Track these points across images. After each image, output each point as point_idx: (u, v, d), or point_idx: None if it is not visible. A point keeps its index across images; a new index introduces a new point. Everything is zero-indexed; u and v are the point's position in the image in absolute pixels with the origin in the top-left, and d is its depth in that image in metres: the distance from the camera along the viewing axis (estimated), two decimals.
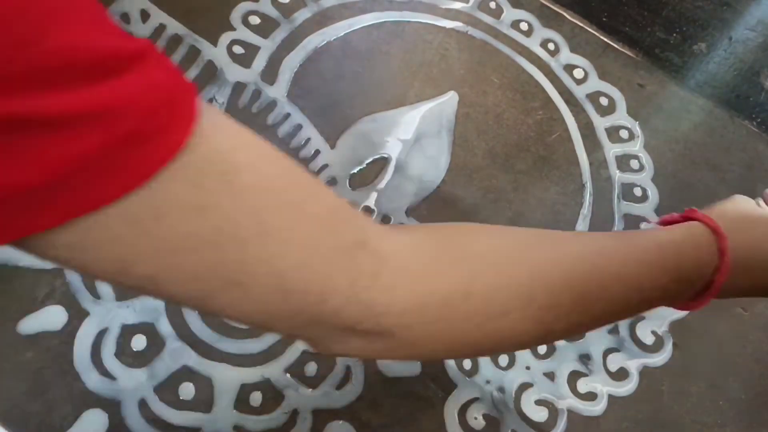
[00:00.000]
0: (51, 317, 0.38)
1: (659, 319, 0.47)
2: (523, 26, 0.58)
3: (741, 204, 0.36)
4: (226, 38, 0.50)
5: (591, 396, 0.43)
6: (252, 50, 0.51)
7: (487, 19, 0.58)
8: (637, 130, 0.55)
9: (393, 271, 0.24)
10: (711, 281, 0.33)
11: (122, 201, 0.18)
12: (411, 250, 0.25)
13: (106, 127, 0.17)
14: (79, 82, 0.16)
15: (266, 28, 0.52)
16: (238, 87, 0.48)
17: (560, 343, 0.44)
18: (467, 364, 0.42)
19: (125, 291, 0.40)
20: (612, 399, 0.43)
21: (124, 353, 0.38)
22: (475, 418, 0.41)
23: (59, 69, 0.16)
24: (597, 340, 0.45)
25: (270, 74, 0.50)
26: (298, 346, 0.41)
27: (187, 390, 0.38)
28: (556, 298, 0.28)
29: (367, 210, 0.46)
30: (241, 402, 0.38)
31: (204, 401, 0.38)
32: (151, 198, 0.19)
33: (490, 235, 0.28)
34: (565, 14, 0.60)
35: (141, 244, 0.20)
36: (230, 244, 0.21)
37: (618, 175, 0.52)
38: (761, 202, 0.38)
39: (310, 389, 0.39)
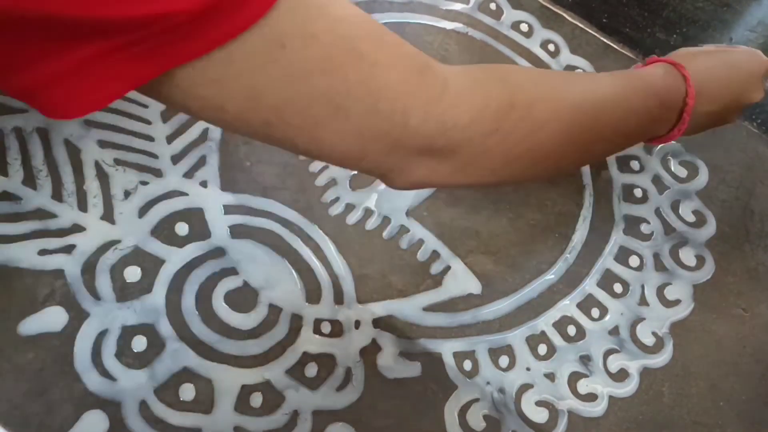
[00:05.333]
0: (51, 318, 0.38)
1: (659, 320, 0.47)
2: (524, 27, 0.58)
3: (688, 48, 0.45)
4: None
5: (591, 397, 0.43)
6: None
7: (487, 20, 0.58)
8: None
9: (454, 89, 0.28)
10: (683, 108, 0.40)
11: (255, 29, 0.22)
12: (462, 72, 0.30)
13: None
14: None
15: None
16: None
17: (560, 344, 0.44)
18: (467, 365, 0.42)
19: (127, 289, 0.40)
20: (612, 400, 0.43)
21: (124, 354, 0.38)
22: (476, 419, 0.41)
23: None
24: (597, 340, 0.45)
25: None
26: (299, 348, 0.41)
27: (187, 391, 0.38)
28: (578, 114, 0.33)
29: (367, 211, 0.46)
30: (242, 403, 0.38)
31: (204, 402, 0.38)
32: (275, 28, 0.23)
33: (520, 67, 0.36)
34: (565, 15, 0.60)
35: (270, 71, 0.23)
36: (335, 71, 0.24)
37: (618, 176, 0.53)
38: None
39: (311, 390, 0.40)
